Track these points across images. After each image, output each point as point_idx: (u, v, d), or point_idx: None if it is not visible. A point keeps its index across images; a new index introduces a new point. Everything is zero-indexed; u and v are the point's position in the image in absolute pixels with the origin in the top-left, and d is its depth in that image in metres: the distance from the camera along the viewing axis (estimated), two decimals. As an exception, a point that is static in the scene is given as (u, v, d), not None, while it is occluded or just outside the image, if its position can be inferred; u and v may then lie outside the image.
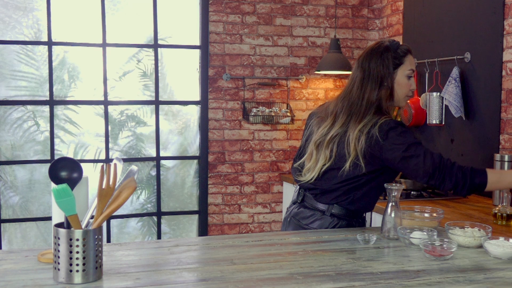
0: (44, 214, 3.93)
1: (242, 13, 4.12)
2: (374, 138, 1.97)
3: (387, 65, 2.06)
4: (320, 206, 2.12)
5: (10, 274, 1.49)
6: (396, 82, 2.08)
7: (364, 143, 1.98)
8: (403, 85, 2.09)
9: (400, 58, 2.08)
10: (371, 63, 2.07)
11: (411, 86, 2.11)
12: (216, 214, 4.16)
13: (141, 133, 4.15)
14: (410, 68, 2.09)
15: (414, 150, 1.96)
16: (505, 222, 2.30)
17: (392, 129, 1.97)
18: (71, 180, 1.48)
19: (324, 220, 2.11)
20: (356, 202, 2.09)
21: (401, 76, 2.08)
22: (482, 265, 1.63)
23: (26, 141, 3.90)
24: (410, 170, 1.97)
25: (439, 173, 1.95)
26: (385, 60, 2.06)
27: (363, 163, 2.00)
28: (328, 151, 2.06)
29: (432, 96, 3.35)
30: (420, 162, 1.94)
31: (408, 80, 2.09)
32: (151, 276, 1.49)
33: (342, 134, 2.05)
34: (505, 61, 2.95)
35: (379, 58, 2.07)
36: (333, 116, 2.11)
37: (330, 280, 1.48)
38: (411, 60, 2.10)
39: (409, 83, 2.10)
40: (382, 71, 2.06)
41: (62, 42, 3.87)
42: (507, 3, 2.94)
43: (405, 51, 2.09)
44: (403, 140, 1.96)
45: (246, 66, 4.16)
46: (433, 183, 1.97)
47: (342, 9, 4.31)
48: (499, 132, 2.98)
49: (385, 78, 2.05)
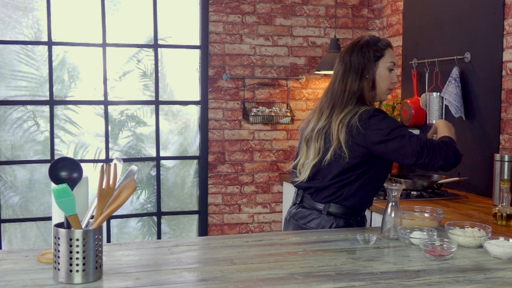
0: (44, 214, 3.92)
1: (242, 13, 4.12)
2: (354, 128, 2.00)
3: (368, 57, 2.11)
4: (318, 205, 2.14)
5: (10, 274, 1.49)
6: (377, 74, 2.12)
7: (345, 133, 2.02)
8: (384, 77, 2.13)
9: (381, 51, 2.13)
10: (352, 57, 2.12)
11: (392, 79, 2.15)
12: (216, 214, 4.16)
13: (141, 133, 4.15)
14: (391, 60, 2.13)
15: (399, 131, 1.99)
16: (505, 222, 2.30)
17: (373, 116, 2.00)
18: (71, 180, 1.48)
19: (321, 219, 2.12)
20: (349, 198, 2.10)
21: (382, 69, 2.12)
22: (482, 265, 1.63)
23: (26, 141, 3.90)
24: (397, 153, 1.99)
25: (427, 150, 1.97)
26: (366, 53, 2.11)
27: (347, 153, 2.02)
28: (317, 144, 2.11)
29: (432, 96, 3.35)
30: (406, 143, 1.97)
31: (390, 73, 2.13)
32: (151, 276, 1.49)
33: (327, 126, 2.09)
34: (505, 61, 2.95)
35: (359, 51, 2.12)
36: (319, 111, 2.16)
37: (330, 280, 1.48)
38: (391, 53, 2.15)
39: (391, 75, 2.14)
40: (363, 62, 2.10)
41: (62, 42, 3.87)
42: (507, 3, 2.94)
43: (386, 45, 2.14)
44: (385, 125, 1.99)
45: (246, 66, 4.16)
46: (422, 161, 1.98)
47: (342, 9, 4.31)
48: (499, 132, 2.98)
49: (366, 69, 2.10)
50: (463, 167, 3.26)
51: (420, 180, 3.15)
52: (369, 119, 2.00)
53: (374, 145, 2.00)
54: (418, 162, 1.99)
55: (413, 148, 1.97)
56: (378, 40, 2.15)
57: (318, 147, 2.10)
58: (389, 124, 2.00)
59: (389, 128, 1.99)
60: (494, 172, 2.75)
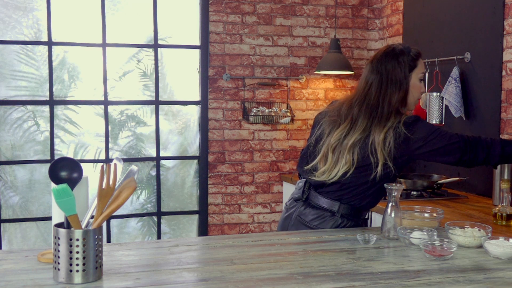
0: (44, 214, 3.92)
1: (242, 13, 4.12)
2: (401, 135, 2.00)
3: (404, 68, 2.07)
4: (328, 204, 2.11)
5: (10, 274, 1.49)
6: (411, 85, 2.10)
7: (393, 144, 1.99)
8: (417, 88, 2.12)
9: (414, 61, 2.11)
10: (388, 66, 2.07)
11: (421, 88, 2.15)
12: (216, 214, 4.16)
13: (141, 133, 4.15)
14: (423, 71, 2.14)
15: (440, 131, 2.02)
16: (505, 222, 2.30)
17: (416, 121, 2.02)
18: (71, 180, 1.48)
19: (335, 220, 2.11)
20: (364, 198, 2.11)
21: (415, 79, 2.11)
22: (482, 265, 1.63)
23: (26, 141, 3.90)
24: (442, 152, 2.00)
25: (471, 147, 2.00)
26: (402, 63, 2.07)
27: (392, 166, 2.02)
28: (349, 156, 2.05)
29: (432, 96, 3.35)
30: (450, 141, 1.99)
31: (420, 83, 2.13)
32: (151, 276, 1.49)
33: (364, 138, 2.04)
34: (505, 61, 2.95)
35: (395, 61, 2.07)
36: (350, 120, 2.09)
37: (330, 280, 1.48)
38: (422, 63, 2.14)
39: (421, 85, 2.14)
40: (400, 74, 2.07)
41: (62, 42, 3.87)
42: (507, 3, 2.94)
43: (418, 54, 2.12)
44: (429, 127, 2.02)
45: (246, 66, 4.16)
46: (467, 158, 2.01)
47: (342, 9, 4.31)
48: (499, 132, 2.98)
49: (403, 81, 2.07)
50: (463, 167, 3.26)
51: (420, 180, 3.15)
52: (413, 124, 2.01)
53: (419, 148, 2.01)
54: (463, 159, 2.02)
55: (458, 146, 2.00)
56: (410, 50, 2.11)
57: (350, 159, 2.05)
58: (432, 127, 2.03)
59: (432, 129, 2.02)
60: (494, 172, 2.75)
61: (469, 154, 2.00)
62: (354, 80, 4.36)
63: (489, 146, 2.01)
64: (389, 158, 2.00)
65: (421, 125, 2.02)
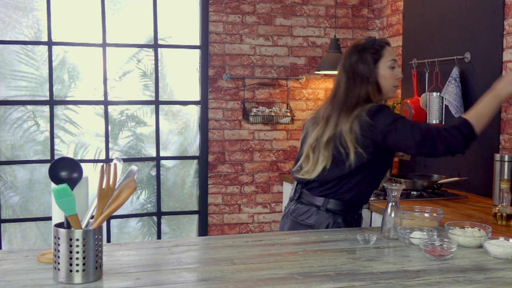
0: (44, 214, 3.92)
1: (242, 13, 4.12)
2: (366, 123, 2.04)
3: (367, 62, 2.13)
4: (316, 200, 2.16)
5: (10, 274, 1.49)
6: (380, 76, 2.14)
7: (359, 132, 2.04)
8: (387, 77, 2.15)
9: (379, 52, 2.14)
10: (352, 63, 2.15)
11: (396, 75, 2.17)
12: (216, 214, 4.16)
13: (141, 133, 4.15)
14: (391, 59, 2.15)
15: (402, 122, 2.03)
16: (505, 222, 2.30)
17: (379, 109, 2.05)
18: (71, 180, 1.48)
19: (320, 215, 2.14)
20: (347, 192, 2.13)
21: (383, 69, 2.14)
22: (482, 265, 1.63)
23: (26, 141, 3.90)
24: (400, 144, 2.03)
25: (429, 139, 2.00)
26: (365, 58, 2.14)
27: (364, 153, 2.06)
28: (326, 152, 2.12)
29: (432, 96, 3.35)
30: (408, 133, 2.01)
31: (392, 71, 2.15)
32: (151, 276, 1.49)
33: (337, 135, 2.10)
34: (505, 61, 2.95)
35: (359, 56, 2.14)
36: (325, 120, 2.17)
37: (330, 280, 1.48)
38: (390, 51, 2.16)
39: (394, 73, 2.16)
40: (364, 68, 2.13)
41: (62, 42, 3.87)
42: (507, 3, 2.94)
43: (383, 44, 2.16)
44: (390, 116, 2.04)
45: (246, 66, 4.16)
46: (426, 151, 2.03)
47: (342, 9, 4.31)
48: (499, 132, 2.98)
49: (369, 74, 2.12)
50: (463, 167, 3.26)
51: (420, 180, 3.15)
52: (376, 112, 2.05)
53: (382, 137, 2.04)
54: (422, 151, 2.04)
55: (415, 138, 2.00)
56: (375, 42, 2.16)
57: (327, 155, 2.11)
58: (394, 116, 2.05)
59: (393, 119, 2.03)
60: (494, 172, 2.75)
61: (427, 147, 2.01)
62: (354, 80, 4.36)
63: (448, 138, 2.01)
64: (359, 146, 2.05)
65: (384, 114, 2.04)
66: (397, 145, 2.05)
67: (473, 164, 3.18)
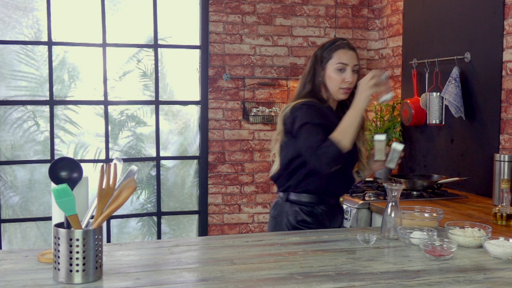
0: (44, 214, 3.92)
1: (242, 13, 4.12)
2: (287, 115, 2.18)
3: (317, 61, 2.23)
4: (280, 194, 2.28)
5: (10, 274, 1.49)
6: (326, 76, 2.21)
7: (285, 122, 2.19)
8: (332, 79, 2.21)
9: (329, 54, 2.21)
10: (311, 59, 2.28)
11: (344, 79, 2.20)
12: (216, 214, 4.16)
13: (141, 133, 4.15)
14: (339, 62, 2.19)
15: (306, 129, 2.10)
16: (505, 222, 2.30)
17: (299, 108, 2.15)
18: (71, 180, 1.48)
19: (283, 206, 2.23)
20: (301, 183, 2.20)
21: (330, 71, 2.21)
22: (482, 265, 1.63)
23: (26, 141, 3.90)
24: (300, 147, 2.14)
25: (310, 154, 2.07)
26: (316, 57, 2.25)
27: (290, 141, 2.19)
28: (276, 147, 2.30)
29: (432, 96, 3.35)
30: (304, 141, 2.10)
31: (339, 74, 2.20)
32: (151, 276, 1.49)
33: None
34: (505, 61, 2.95)
35: (316, 54, 2.26)
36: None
37: (330, 280, 1.48)
38: (341, 55, 2.20)
39: (341, 76, 2.20)
40: (311, 66, 2.25)
41: (62, 42, 3.87)
42: (507, 3, 2.94)
43: (336, 47, 2.22)
44: (302, 117, 2.12)
45: (246, 66, 4.16)
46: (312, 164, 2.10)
47: (342, 9, 4.31)
48: (499, 132, 2.98)
49: (316, 72, 2.23)
50: (463, 167, 3.26)
51: (420, 180, 3.15)
52: (297, 109, 2.16)
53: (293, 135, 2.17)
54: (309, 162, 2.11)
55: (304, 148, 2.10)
56: (332, 43, 2.23)
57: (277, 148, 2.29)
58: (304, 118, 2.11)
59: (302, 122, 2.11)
60: (494, 172, 2.75)
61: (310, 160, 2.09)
62: (354, 80, 4.36)
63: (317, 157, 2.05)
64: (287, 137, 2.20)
65: (300, 114, 2.14)
66: (300, 148, 2.14)
67: (473, 164, 3.18)
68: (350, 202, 2.96)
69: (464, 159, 3.26)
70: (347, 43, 2.23)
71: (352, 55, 2.22)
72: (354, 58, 2.22)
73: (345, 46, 2.21)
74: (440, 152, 3.49)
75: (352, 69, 2.19)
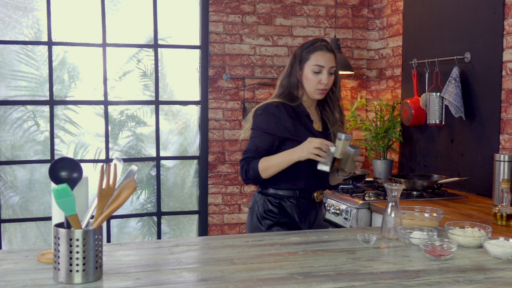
0: (44, 214, 3.92)
1: (242, 13, 4.12)
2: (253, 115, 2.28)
3: (297, 60, 2.28)
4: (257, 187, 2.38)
5: (10, 274, 1.49)
6: (304, 76, 2.26)
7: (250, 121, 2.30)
8: (309, 80, 2.25)
9: (307, 55, 2.26)
10: (291, 57, 2.32)
11: (320, 81, 2.24)
12: (216, 214, 4.16)
13: (141, 133, 4.15)
14: (316, 64, 2.23)
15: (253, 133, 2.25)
16: (505, 222, 2.30)
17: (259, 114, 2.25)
18: (71, 180, 1.48)
19: (256, 197, 2.34)
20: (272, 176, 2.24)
21: (307, 71, 2.25)
22: (482, 265, 1.63)
23: (26, 141, 3.90)
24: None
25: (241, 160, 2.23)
26: (295, 56, 2.29)
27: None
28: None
29: (432, 96, 3.35)
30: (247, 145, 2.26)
31: (315, 75, 2.24)
32: (151, 276, 1.49)
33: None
34: (505, 61, 2.95)
35: (296, 53, 2.30)
36: None
37: (330, 280, 1.48)
38: (318, 57, 2.24)
39: (317, 78, 2.24)
40: (292, 65, 2.29)
41: (62, 42, 3.87)
42: (507, 3, 2.94)
43: (314, 48, 2.26)
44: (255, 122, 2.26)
45: (246, 66, 4.16)
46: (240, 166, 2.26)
47: (342, 9, 4.31)
48: (499, 132, 2.98)
49: (294, 71, 2.28)
50: (463, 167, 3.26)
51: (420, 180, 3.15)
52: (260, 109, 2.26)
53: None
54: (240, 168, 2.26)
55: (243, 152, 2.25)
56: (312, 44, 2.27)
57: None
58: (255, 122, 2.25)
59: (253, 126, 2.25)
60: (494, 172, 2.75)
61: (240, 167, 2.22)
62: (354, 80, 4.36)
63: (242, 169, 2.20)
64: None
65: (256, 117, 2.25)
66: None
67: (473, 164, 3.18)
68: (350, 202, 2.96)
69: (464, 159, 3.26)
70: (325, 45, 2.26)
71: (330, 57, 2.25)
72: (331, 61, 2.25)
73: (323, 48, 2.25)
74: (440, 152, 3.49)
75: (328, 71, 2.24)
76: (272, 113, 2.22)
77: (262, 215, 2.26)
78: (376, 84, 4.32)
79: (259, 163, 2.17)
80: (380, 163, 3.76)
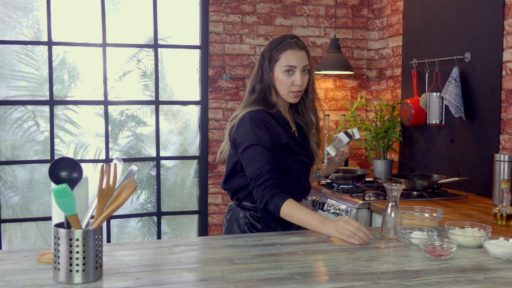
0: (44, 214, 3.92)
1: (242, 13, 4.12)
2: (233, 130, 2.08)
3: (266, 61, 2.09)
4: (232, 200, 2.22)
5: (10, 274, 1.49)
6: (275, 78, 2.08)
7: (228, 135, 2.12)
8: (281, 81, 2.07)
9: (277, 55, 2.07)
10: (259, 58, 2.14)
11: (293, 82, 2.07)
12: (216, 214, 4.16)
13: (141, 133, 4.15)
14: (286, 64, 2.05)
15: (247, 153, 2.01)
16: (505, 222, 2.30)
17: (244, 124, 2.04)
18: (71, 180, 1.48)
19: (235, 211, 2.17)
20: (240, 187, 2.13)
21: (278, 73, 2.07)
22: (482, 265, 1.63)
23: (26, 141, 3.90)
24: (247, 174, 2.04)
25: (252, 184, 2.00)
26: (264, 57, 2.11)
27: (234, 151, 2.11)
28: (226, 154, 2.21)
29: (432, 96, 3.35)
30: (247, 167, 2.01)
31: (288, 77, 2.06)
32: (151, 276, 1.49)
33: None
34: (505, 61, 2.95)
35: (264, 53, 2.11)
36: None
37: (330, 280, 1.48)
38: (289, 56, 2.06)
39: (290, 79, 2.06)
40: (262, 67, 2.10)
41: (62, 42, 3.87)
42: (507, 3, 2.94)
43: (283, 47, 2.07)
44: (246, 138, 2.02)
45: (246, 66, 4.16)
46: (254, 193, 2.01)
47: (342, 9, 4.31)
48: (499, 132, 2.98)
49: (264, 74, 2.09)
50: (463, 167, 3.26)
51: (420, 180, 3.15)
52: (241, 125, 2.05)
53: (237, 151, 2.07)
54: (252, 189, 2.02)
55: (248, 174, 2.01)
56: (280, 42, 2.08)
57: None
58: (248, 139, 2.01)
59: (246, 144, 2.02)
60: (494, 172, 2.75)
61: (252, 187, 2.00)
62: (354, 80, 4.36)
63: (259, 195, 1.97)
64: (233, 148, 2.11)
65: (242, 132, 2.03)
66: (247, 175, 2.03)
67: (473, 164, 3.18)
68: (350, 202, 2.96)
69: (464, 159, 3.26)
70: (295, 42, 2.07)
71: (302, 55, 2.06)
72: (304, 59, 2.07)
73: (294, 46, 2.06)
74: (440, 152, 3.49)
75: (301, 70, 2.06)
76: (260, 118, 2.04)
77: (244, 230, 2.12)
78: (376, 84, 4.32)
79: (284, 205, 1.93)
80: (380, 163, 3.76)
